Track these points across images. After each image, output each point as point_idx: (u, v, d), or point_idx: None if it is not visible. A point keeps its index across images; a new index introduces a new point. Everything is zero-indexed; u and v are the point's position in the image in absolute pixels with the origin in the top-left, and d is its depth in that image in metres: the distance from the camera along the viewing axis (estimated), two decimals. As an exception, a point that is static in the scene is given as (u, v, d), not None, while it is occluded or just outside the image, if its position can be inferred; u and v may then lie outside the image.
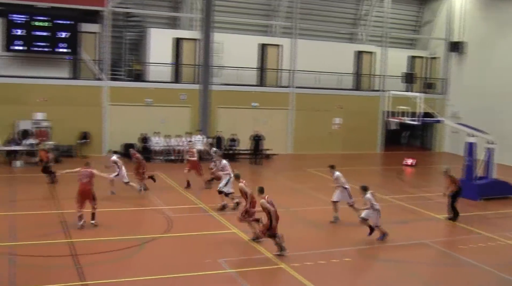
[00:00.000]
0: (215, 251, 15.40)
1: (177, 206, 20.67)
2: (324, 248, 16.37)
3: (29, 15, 30.22)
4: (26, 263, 14.10)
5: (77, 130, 30.92)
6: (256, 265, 14.77)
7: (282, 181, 27.39)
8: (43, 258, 14.36)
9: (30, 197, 21.16)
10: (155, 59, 32.99)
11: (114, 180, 21.47)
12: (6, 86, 29.75)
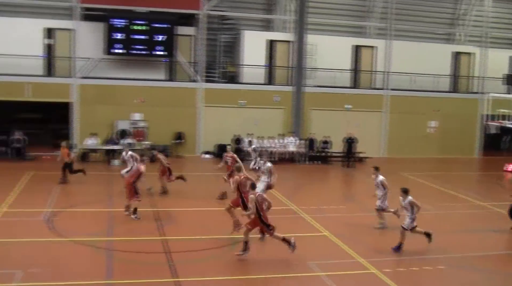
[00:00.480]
0: (305, 254, 15.31)
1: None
2: (417, 254, 15.90)
3: (128, 20, 31.29)
4: (122, 258, 14.58)
5: (172, 131, 31.72)
6: (347, 269, 14.54)
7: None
8: (138, 254, 14.77)
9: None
10: (248, 61, 33.34)
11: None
12: (106, 88, 31.00)
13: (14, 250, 15.07)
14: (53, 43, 31.59)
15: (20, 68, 29.76)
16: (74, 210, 19.34)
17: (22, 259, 14.12)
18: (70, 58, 31.00)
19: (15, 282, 12.65)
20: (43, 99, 30.65)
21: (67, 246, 15.40)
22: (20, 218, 18.00)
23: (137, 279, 13.15)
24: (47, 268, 13.65)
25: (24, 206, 19.32)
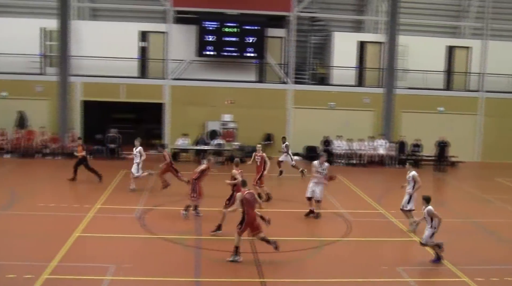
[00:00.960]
0: (393, 258, 15.01)
1: (356, 210, 20.46)
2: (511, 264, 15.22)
3: (220, 22, 31.77)
4: (210, 257, 14.80)
5: (262, 132, 31.91)
6: (436, 276, 14.14)
7: (467, 189, 26.06)
8: (226, 253, 14.92)
9: (215, 194, 22.13)
10: (339, 63, 33.07)
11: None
12: (198, 89, 31.63)
13: (108, 245, 15.63)
14: (146, 45, 32.60)
15: (116, 70, 30.91)
16: (164, 208, 19.81)
17: (116, 254, 14.62)
18: (163, 60, 31.85)
19: (109, 275, 13.12)
20: (136, 99, 31.70)
21: (157, 243, 15.80)
22: (113, 214, 18.64)
23: (224, 278, 13.31)
24: (138, 264, 14.06)
25: (116, 203, 19.99)
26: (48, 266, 13.52)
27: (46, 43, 32.12)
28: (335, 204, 21.16)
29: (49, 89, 30.70)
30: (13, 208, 19.24)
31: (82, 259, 14.20)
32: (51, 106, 30.92)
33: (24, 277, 12.80)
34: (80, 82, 31.12)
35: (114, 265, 13.74)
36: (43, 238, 16.12)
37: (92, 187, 23.00)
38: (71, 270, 13.40)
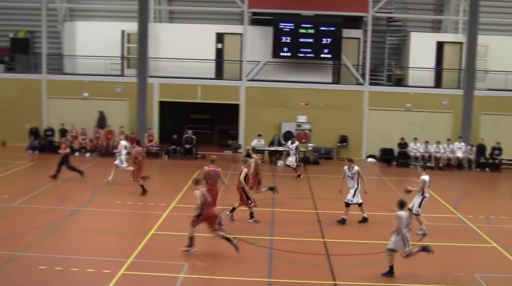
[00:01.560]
0: (471, 265, 14.57)
1: (432, 214, 19.95)
2: None
3: (296, 23, 31.76)
4: (282, 258, 14.82)
5: (337, 133, 31.67)
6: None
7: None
8: (298, 255, 14.92)
9: (288, 195, 22.19)
10: (416, 64, 32.39)
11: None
12: (273, 90, 31.72)
13: (183, 243, 15.86)
14: (222, 47, 33.01)
15: (193, 71, 31.44)
16: (238, 208, 19.94)
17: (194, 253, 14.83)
18: (239, 61, 32.14)
19: (183, 273, 13.37)
20: (212, 100, 32.14)
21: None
22: (188, 213, 18.90)
23: (297, 280, 13.30)
24: (211, 262, 14.25)
25: (192, 203, 20.23)
26: (125, 262, 13.91)
27: (126, 45, 33.08)
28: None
29: (128, 90, 31.58)
30: (92, 205, 19.91)
31: (157, 256, 14.52)
32: (130, 107, 31.79)
33: (102, 271, 13.23)
34: (158, 83, 31.84)
35: (188, 263, 13.99)
36: (120, 235, 16.61)
37: (167, 186, 23.48)
38: (146, 266, 13.74)
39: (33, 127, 30.28)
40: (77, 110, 31.98)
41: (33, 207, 19.18)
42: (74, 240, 16.24)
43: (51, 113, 32.48)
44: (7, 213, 18.27)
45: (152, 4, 33.22)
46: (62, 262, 13.73)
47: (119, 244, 15.79)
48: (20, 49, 35.61)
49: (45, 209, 18.50)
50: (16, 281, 12.73)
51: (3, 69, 34.11)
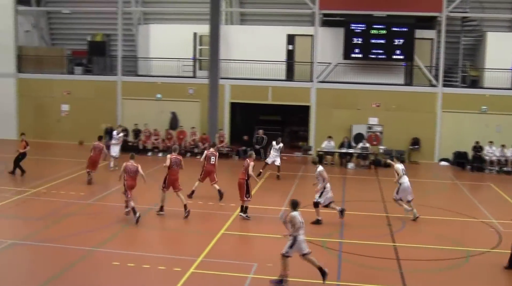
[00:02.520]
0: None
1: (508, 221, 19.32)
2: None
3: (367, 24, 31.41)
4: (351, 261, 14.70)
5: (409, 136, 31.09)
6: None
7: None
8: (368, 258, 14.76)
9: (358, 198, 21.98)
10: (492, 65, 31.39)
11: None
12: (345, 92, 31.48)
13: (252, 244, 16.04)
14: (293, 48, 33.04)
15: (264, 73, 31.60)
16: (307, 210, 19.90)
17: (258, 253, 14.95)
18: (310, 63, 32.06)
19: (251, 273, 13.46)
20: (283, 102, 32.19)
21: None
22: (258, 214, 19.06)
23: (366, 284, 13.15)
24: (279, 263, 14.25)
25: (261, 203, 20.41)
26: (195, 260, 14.13)
27: (198, 47, 33.62)
28: (486, 214, 20.15)
29: (200, 91, 32.07)
30: (167, 204, 20.27)
31: (227, 256, 14.68)
32: (202, 108, 32.25)
33: (173, 269, 13.48)
34: (229, 85, 32.18)
35: (257, 263, 14.07)
36: (191, 234, 16.88)
37: (237, 187, 23.64)
38: (216, 266, 13.91)
39: (108, 127, 31.16)
40: (150, 111, 32.77)
41: (107, 205, 19.79)
42: (146, 237, 16.64)
43: (125, 113, 33.41)
44: (83, 210, 18.89)
45: (224, 7, 33.60)
46: (134, 259, 14.09)
47: (189, 243, 16.06)
48: (97, 52, 36.86)
49: (119, 206, 19.01)
50: (91, 276, 13.16)
51: (81, 71, 35.36)
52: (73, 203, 19.46)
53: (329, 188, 18.20)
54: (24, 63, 35.28)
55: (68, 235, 15.98)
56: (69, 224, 17.36)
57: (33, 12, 37.54)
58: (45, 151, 30.64)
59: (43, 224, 17.23)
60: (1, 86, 34.51)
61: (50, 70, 35.14)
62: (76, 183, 22.79)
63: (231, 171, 26.47)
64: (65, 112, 34.23)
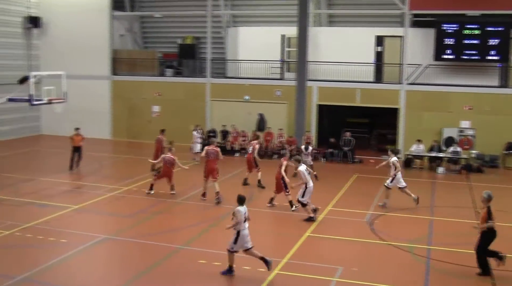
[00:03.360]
0: None
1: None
2: None
3: (460, 24, 30.46)
4: (440, 269, 14.30)
5: (503, 140, 29.85)
6: None
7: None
8: (457, 267, 14.32)
9: (448, 204, 21.39)
10: None
11: None
12: (435, 94, 30.63)
13: (337, 247, 15.92)
14: (382, 50, 32.55)
15: (352, 75, 31.31)
16: (394, 214, 19.59)
17: (344, 257, 14.81)
18: (399, 65, 31.44)
19: (336, 277, 13.37)
20: (371, 104, 31.74)
21: (386, 250, 15.69)
22: (344, 217, 18.91)
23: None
24: (365, 268, 14.10)
25: (347, 206, 20.24)
26: (280, 262, 14.19)
27: (286, 49, 33.73)
28: None
29: (287, 93, 32.15)
30: (250, 204, 20.44)
31: (312, 259, 14.65)
32: (289, 109, 32.31)
33: (258, 270, 13.59)
34: (317, 87, 32.06)
35: (342, 267, 13.96)
36: (276, 236, 16.97)
37: (323, 190, 23.58)
38: (300, 268, 13.92)
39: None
40: (238, 112, 33.17)
41: (195, 204, 20.19)
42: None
43: (213, 114, 34.00)
44: (172, 209, 19.38)
45: (312, 9, 33.52)
46: (220, 258, 14.30)
47: (274, 244, 16.15)
48: (187, 55, 37.70)
49: (205, 206, 19.36)
50: (178, 273, 13.47)
51: (171, 73, 36.26)
52: (162, 202, 20.00)
53: (311, 188, 18.58)
54: (118, 65, 36.62)
55: (156, 233, 16.45)
56: (158, 222, 17.88)
57: (127, 16, 38.91)
58: (136, 151, 31.66)
59: (134, 221, 17.83)
60: (97, 88, 35.97)
61: (142, 72, 36.30)
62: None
63: (318, 174, 26.41)
64: (156, 113, 35.23)
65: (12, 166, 26.57)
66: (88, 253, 15.10)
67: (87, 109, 35.49)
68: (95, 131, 35.13)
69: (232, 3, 36.95)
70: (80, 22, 35.79)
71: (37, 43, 36.99)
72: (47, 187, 22.02)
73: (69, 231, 16.79)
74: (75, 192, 21.86)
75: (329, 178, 25.73)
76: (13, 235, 16.26)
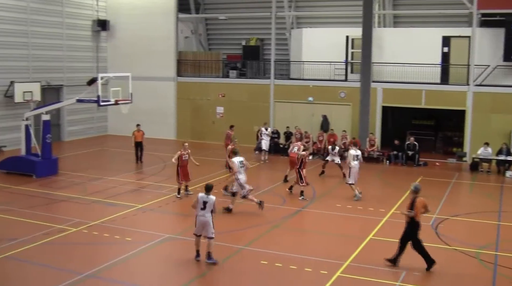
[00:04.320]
0: None
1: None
2: None
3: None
4: (507, 275, 13.93)
5: None
6: None
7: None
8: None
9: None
10: None
11: None
12: (504, 96, 29.57)
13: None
14: (448, 51, 31.86)
15: (417, 76, 30.81)
16: (460, 218, 19.17)
17: (407, 261, 14.57)
18: (467, 66, 30.69)
19: (399, 281, 13.22)
20: (436, 106, 31.11)
21: (451, 255, 15.37)
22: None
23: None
24: (428, 273, 13.84)
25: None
26: (342, 264, 14.12)
27: (351, 50, 33.47)
28: None
29: (351, 95, 31.91)
30: (313, 206, 20.45)
31: (375, 262, 14.48)
32: (353, 111, 32.05)
33: (319, 272, 13.58)
34: (381, 88, 31.66)
35: (405, 271, 13.77)
36: (338, 237, 16.87)
37: (388, 192, 23.33)
38: (363, 271, 13.81)
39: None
40: (301, 114, 33.15)
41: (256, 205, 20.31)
42: (293, 239, 16.85)
43: (277, 116, 34.08)
44: (236, 208, 19.50)
45: (376, 9, 33.17)
46: (281, 259, 14.35)
47: (336, 246, 16.07)
48: (251, 56, 37.97)
49: (269, 207, 19.43)
50: (241, 273, 13.58)
51: (235, 75, 36.55)
52: (225, 202, 20.17)
53: (243, 180, 19.25)
54: (182, 67, 37.21)
55: (220, 232, 16.60)
56: (222, 222, 18.03)
57: (192, 19, 39.51)
58: (200, 151, 31.99)
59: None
60: (162, 89, 36.65)
61: (206, 73, 36.76)
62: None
63: (381, 177, 26.20)
64: (220, 114, 35.60)
65: (81, 165, 27.41)
66: (152, 251, 15.42)
67: (152, 110, 36.23)
68: (160, 132, 35.84)
69: (296, 4, 37.01)
70: (146, 24, 36.60)
71: (105, 45, 38.05)
72: (113, 186, 22.59)
73: (134, 229, 17.19)
74: (140, 191, 22.34)
75: (393, 181, 25.43)
76: (80, 232, 16.79)
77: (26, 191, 21.56)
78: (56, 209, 19.58)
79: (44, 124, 24.87)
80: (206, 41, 41.17)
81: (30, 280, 13.38)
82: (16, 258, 14.58)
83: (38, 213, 18.75)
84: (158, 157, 29.22)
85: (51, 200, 20.53)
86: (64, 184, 23.32)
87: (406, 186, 23.50)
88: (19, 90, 30.31)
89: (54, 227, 17.14)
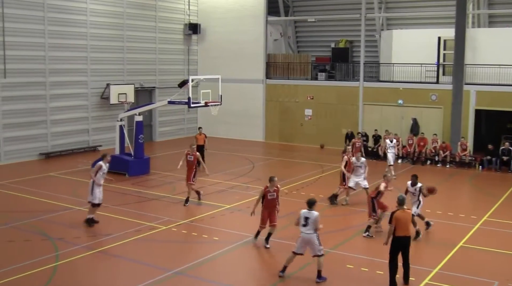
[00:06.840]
0: None
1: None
2: None
3: None
4: None
5: None
6: None
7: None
8: None
9: None
10: None
11: None
12: None
13: (493, 260, 15.14)
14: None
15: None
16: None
17: (500, 270, 14.07)
18: None
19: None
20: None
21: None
22: (500, 228, 17.96)
23: None
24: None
25: (505, 218, 19.17)
26: (430, 272, 13.79)
27: (443, 52, 32.59)
28: None
29: (443, 97, 31.06)
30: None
31: (465, 270, 14.05)
32: (444, 114, 31.19)
33: (410, 279, 13.28)
34: (474, 91, 30.62)
35: (497, 282, 13.27)
36: (428, 244, 16.47)
37: (481, 198, 22.57)
38: (452, 279, 13.43)
39: (348, 131, 31.65)
40: (391, 116, 32.61)
41: (346, 208, 20.15)
42: (380, 244, 16.55)
43: (365, 118, 33.67)
44: (324, 211, 19.41)
45: (471, 9, 32.16)
46: (368, 264, 14.17)
47: (425, 254, 15.68)
48: (340, 58, 37.73)
49: (356, 211, 19.26)
50: (325, 275, 13.46)
51: (324, 77, 36.40)
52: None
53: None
54: (271, 69, 37.44)
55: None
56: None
57: (282, 21, 39.69)
58: (288, 153, 32.17)
59: (286, 221, 17.99)
60: (252, 91, 37.04)
61: (295, 76, 36.83)
62: (316, 185, 23.58)
63: (472, 182, 25.40)
64: (308, 116, 35.56)
65: (171, 165, 28.03)
66: (238, 251, 15.62)
67: (241, 112, 36.70)
68: (249, 134, 36.24)
69: (386, 5, 36.44)
70: (236, 27, 37.12)
71: (195, 48, 38.88)
72: (202, 186, 22.99)
73: (221, 229, 17.49)
74: (228, 192, 22.65)
75: (486, 187, 24.56)
76: (169, 230, 17.24)
77: (119, 189, 22.33)
78: (147, 207, 20.19)
79: (137, 124, 25.71)
80: (295, 43, 41.26)
81: (122, 275, 13.90)
82: (110, 253, 15.20)
83: (130, 210, 19.45)
84: (246, 159, 29.54)
85: (142, 198, 21.21)
86: (155, 183, 24.04)
87: (501, 192, 22.78)
88: (114, 92, 31.56)
89: (145, 224, 17.71)
